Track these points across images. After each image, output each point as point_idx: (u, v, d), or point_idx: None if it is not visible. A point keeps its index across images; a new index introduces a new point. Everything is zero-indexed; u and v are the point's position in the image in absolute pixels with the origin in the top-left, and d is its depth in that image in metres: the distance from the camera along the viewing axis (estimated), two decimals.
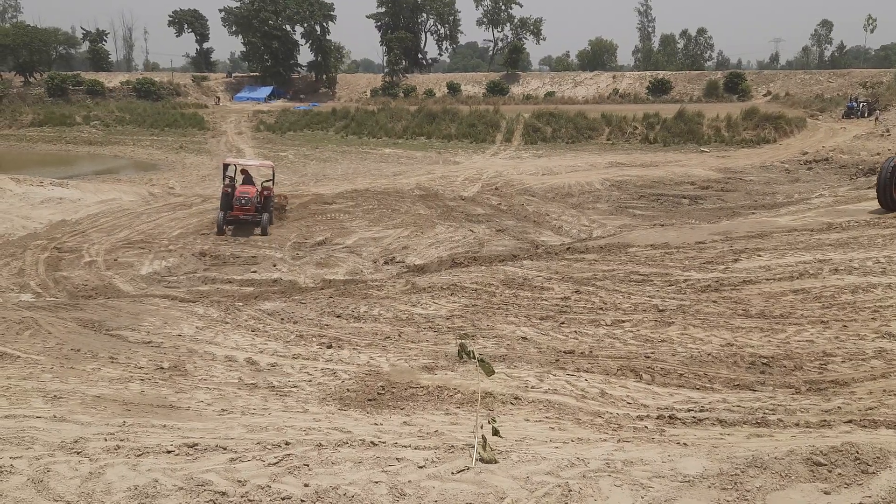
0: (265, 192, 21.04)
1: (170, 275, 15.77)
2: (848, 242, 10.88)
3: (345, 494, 3.65)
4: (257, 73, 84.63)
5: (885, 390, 5.82)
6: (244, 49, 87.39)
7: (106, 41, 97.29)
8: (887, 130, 41.73)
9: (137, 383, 6.89)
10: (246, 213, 20.14)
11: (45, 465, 4.18)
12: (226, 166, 22.42)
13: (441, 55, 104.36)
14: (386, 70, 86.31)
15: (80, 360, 7.67)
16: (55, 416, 5.50)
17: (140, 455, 4.35)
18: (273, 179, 22.10)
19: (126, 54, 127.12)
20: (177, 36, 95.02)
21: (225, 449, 4.46)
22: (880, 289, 8.63)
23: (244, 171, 21.81)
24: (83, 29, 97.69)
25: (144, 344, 8.50)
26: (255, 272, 15.89)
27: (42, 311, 10.12)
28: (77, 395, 6.29)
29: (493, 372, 4.36)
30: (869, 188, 16.87)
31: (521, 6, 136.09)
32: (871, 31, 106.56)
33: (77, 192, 24.23)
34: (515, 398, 6.10)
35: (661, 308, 8.76)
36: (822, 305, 8.35)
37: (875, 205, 14.75)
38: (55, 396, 6.22)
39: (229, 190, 20.80)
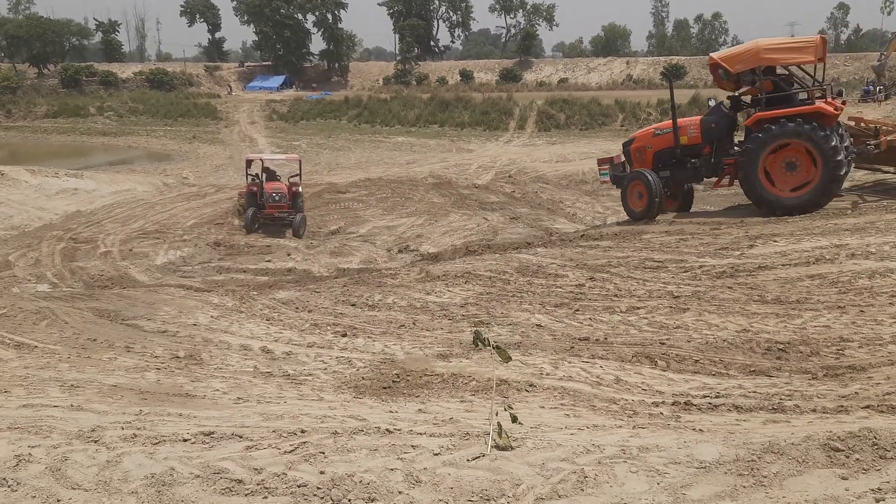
0: (293, 189, 19.83)
1: (185, 264, 15.85)
2: (865, 227, 10.77)
3: (360, 482, 3.66)
4: (269, 63, 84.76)
5: None
6: (256, 38, 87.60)
7: (118, 32, 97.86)
8: None
9: (153, 372, 6.93)
10: (281, 210, 19.05)
11: (62, 453, 4.22)
12: (249, 163, 21.08)
13: (453, 42, 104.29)
14: (398, 58, 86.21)
15: (96, 350, 7.72)
16: (72, 406, 5.55)
17: (157, 443, 4.37)
18: (300, 174, 20.93)
19: (139, 45, 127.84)
20: (189, 26, 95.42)
21: (241, 437, 4.48)
22: None
23: (266, 169, 20.66)
24: (96, 20, 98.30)
25: (160, 333, 8.56)
26: (269, 261, 15.94)
27: (58, 302, 10.21)
28: (94, 385, 6.35)
29: (510, 358, 4.35)
30: (886, 172, 16.67)
31: None
32: (888, 14, 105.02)
33: (92, 182, 24.38)
34: (530, 385, 6.09)
35: (676, 294, 8.72)
36: (838, 290, 8.28)
37: None
38: (72, 386, 6.28)
39: (255, 188, 19.59)
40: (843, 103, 13.51)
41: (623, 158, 15.24)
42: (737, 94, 14.06)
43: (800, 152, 12.53)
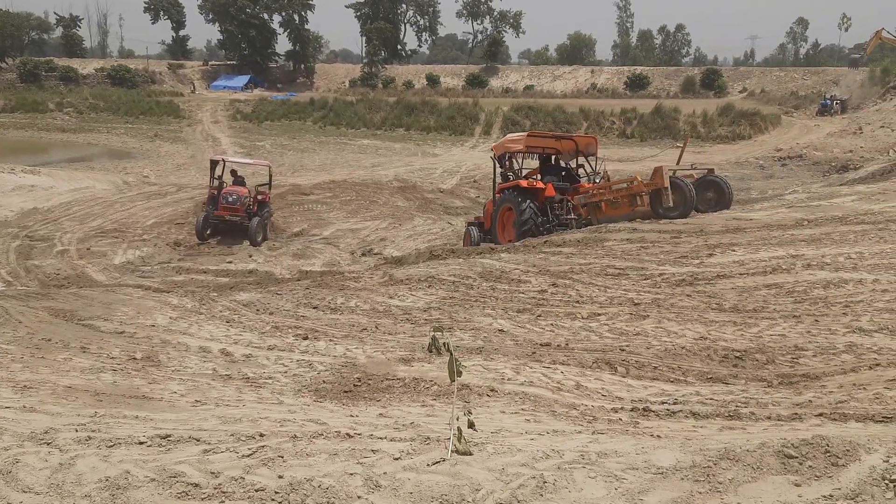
0: (259, 197, 18.72)
1: (143, 264, 15.64)
2: (820, 238, 10.99)
3: (319, 486, 3.64)
4: (234, 62, 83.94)
5: (854, 384, 5.90)
6: (221, 37, 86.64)
7: (80, 27, 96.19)
8: (860, 128, 42.33)
9: (109, 374, 6.81)
10: (233, 213, 17.77)
11: (13, 455, 4.12)
12: (213, 164, 19.57)
13: (420, 46, 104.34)
14: (365, 60, 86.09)
15: (51, 350, 7.57)
16: (25, 407, 5.43)
17: (111, 446, 4.30)
18: (270, 182, 20.10)
19: (100, 40, 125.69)
20: (152, 23, 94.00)
21: (198, 440, 4.42)
22: (851, 284, 8.73)
23: (234, 172, 19.61)
24: (56, 14, 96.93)
25: (117, 334, 8.41)
26: (230, 262, 15.80)
27: (12, 300, 9.97)
28: (48, 386, 6.21)
29: (461, 374, 4.33)
30: (842, 185, 17.09)
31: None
32: (846, 30, 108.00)
33: (49, 179, 23.92)
34: (492, 390, 6.11)
35: (636, 302, 8.81)
36: (794, 300, 8.43)
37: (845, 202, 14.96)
38: (25, 386, 6.14)
39: (216, 192, 18.51)
40: (598, 183, 15.94)
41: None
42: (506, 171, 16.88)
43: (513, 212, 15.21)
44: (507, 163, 16.38)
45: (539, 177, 16.13)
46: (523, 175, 16.56)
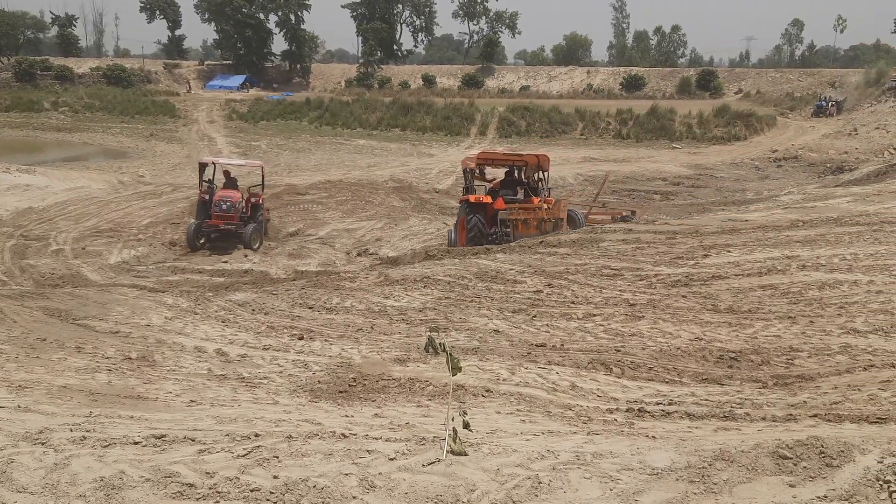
0: (252, 200, 17.95)
1: (139, 264, 15.60)
2: (815, 239, 11.01)
3: (314, 486, 3.64)
4: (230, 62, 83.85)
5: (849, 385, 5.91)
6: (217, 37, 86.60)
7: (75, 26, 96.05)
8: (854, 129, 42.46)
9: (104, 373, 6.80)
10: (228, 221, 16.98)
11: (8, 455, 4.11)
12: (203, 166, 18.73)
13: (416, 47, 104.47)
14: (361, 60, 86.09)
15: (45, 350, 7.55)
16: (20, 407, 5.42)
17: (106, 446, 4.29)
18: (263, 184, 19.20)
19: (96, 40, 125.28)
20: (148, 22, 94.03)
21: (193, 440, 4.41)
22: (846, 285, 8.75)
23: (226, 173, 18.77)
24: (52, 13, 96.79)
25: (112, 334, 8.39)
26: (225, 262, 15.77)
27: (7, 300, 9.95)
28: (42, 385, 6.20)
29: (461, 369, 4.34)
30: (837, 186, 17.15)
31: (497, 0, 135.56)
32: (841, 32, 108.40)
33: (44, 179, 23.87)
34: (487, 391, 6.11)
35: (631, 302, 8.82)
36: (789, 301, 8.45)
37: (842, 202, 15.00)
38: (20, 386, 6.12)
39: (207, 196, 17.60)
40: (548, 200, 16.62)
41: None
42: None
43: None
44: (468, 176, 17.29)
45: (499, 189, 17.08)
46: (489, 184, 17.58)
